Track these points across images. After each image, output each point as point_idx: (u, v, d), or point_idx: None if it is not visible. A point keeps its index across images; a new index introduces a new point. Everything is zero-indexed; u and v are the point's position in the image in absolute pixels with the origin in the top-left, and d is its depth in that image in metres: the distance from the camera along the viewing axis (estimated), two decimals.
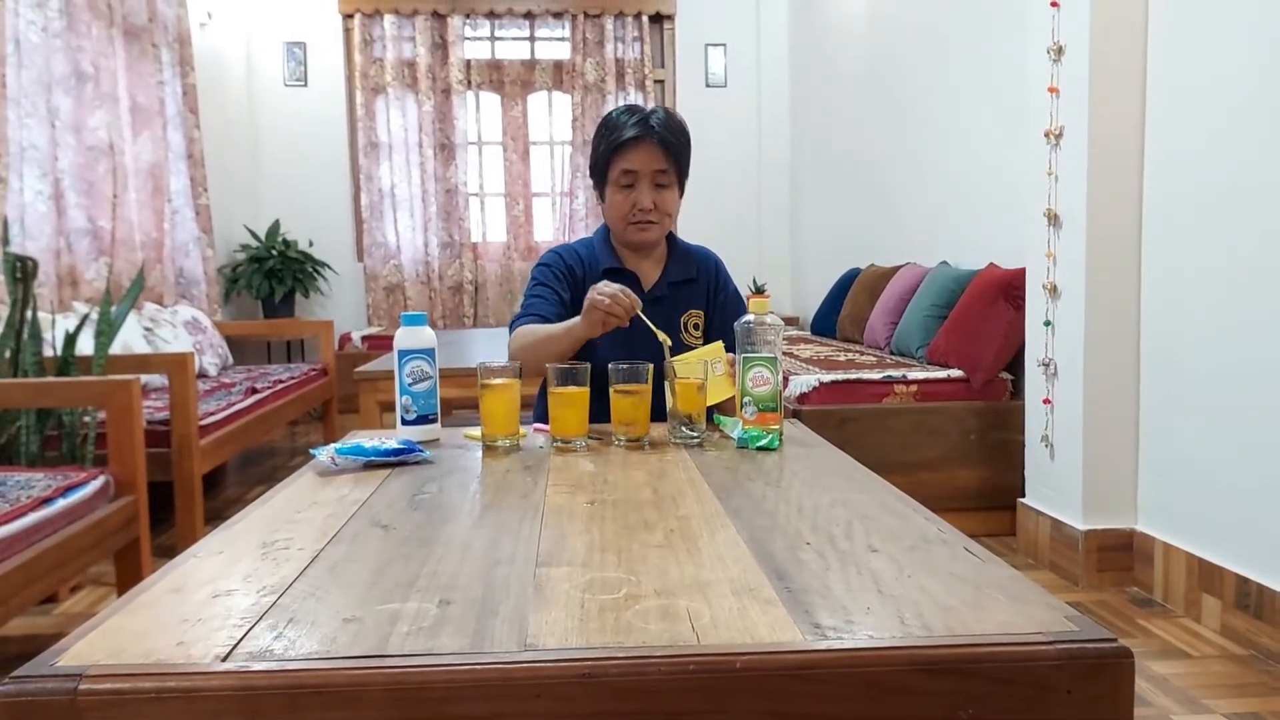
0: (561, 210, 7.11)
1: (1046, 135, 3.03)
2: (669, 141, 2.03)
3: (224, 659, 0.78)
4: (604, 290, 1.79)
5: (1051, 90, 3.00)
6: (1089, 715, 0.78)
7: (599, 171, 2.11)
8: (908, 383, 3.56)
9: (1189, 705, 2.14)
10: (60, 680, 0.75)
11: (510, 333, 2.08)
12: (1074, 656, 0.78)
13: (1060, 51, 2.96)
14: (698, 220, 7.07)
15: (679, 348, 2.06)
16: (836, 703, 0.78)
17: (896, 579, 0.95)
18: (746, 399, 1.67)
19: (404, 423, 1.74)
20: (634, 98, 7.04)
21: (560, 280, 2.13)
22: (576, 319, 1.87)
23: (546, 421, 1.85)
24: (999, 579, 0.95)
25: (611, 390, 1.70)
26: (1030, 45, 3.12)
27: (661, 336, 1.83)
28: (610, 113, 2.10)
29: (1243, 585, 2.46)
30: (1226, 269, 2.52)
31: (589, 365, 1.71)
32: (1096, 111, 2.85)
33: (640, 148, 2.02)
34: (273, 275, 6.53)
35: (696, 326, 2.17)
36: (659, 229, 2.11)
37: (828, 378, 3.53)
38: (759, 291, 6.93)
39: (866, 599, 0.90)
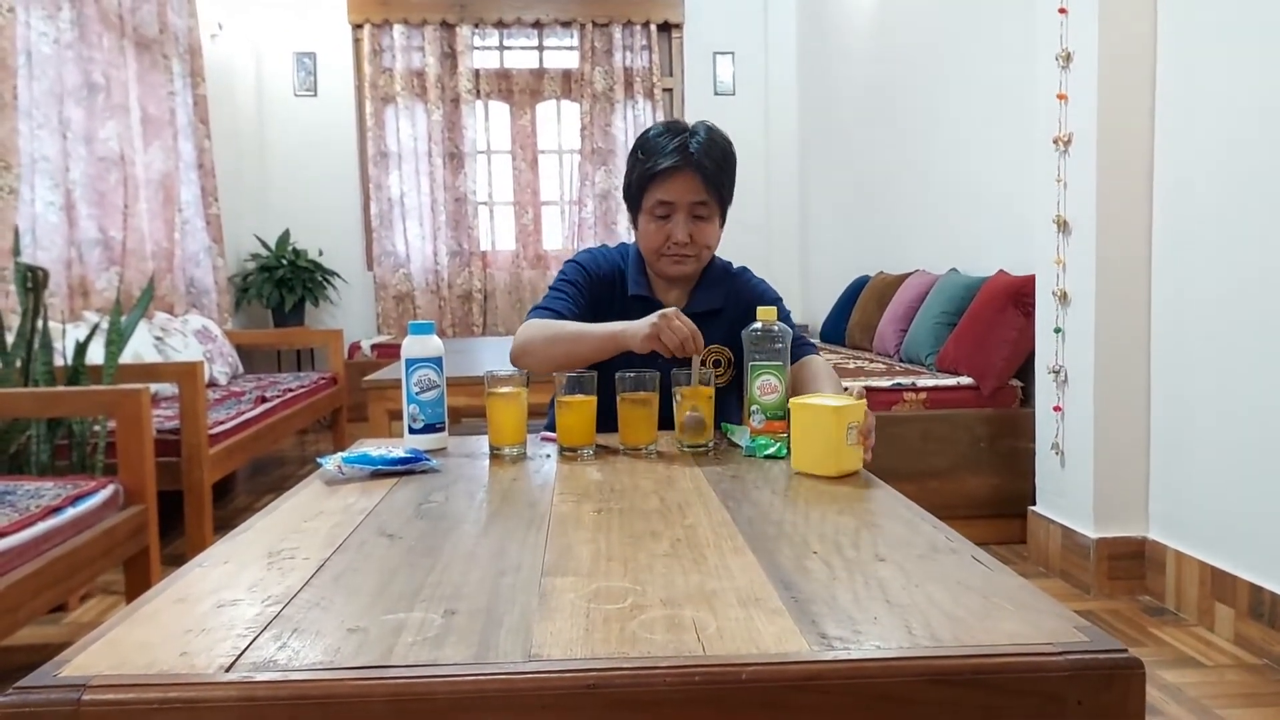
0: (570, 219, 7.12)
1: (1055, 142, 3.02)
2: (709, 171, 1.86)
3: (227, 669, 0.78)
4: (677, 328, 1.66)
5: (1060, 97, 2.99)
6: None
7: (632, 198, 1.95)
8: (917, 390, 3.55)
9: (1202, 715, 2.12)
10: (63, 691, 0.75)
11: (525, 321, 1.93)
12: (1084, 667, 0.77)
13: (1069, 58, 2.95)
14: None
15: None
16: (843, 714, 0.77)
17: (904, 588, 0.95)
18: (754, 407, 1.67)
19: (411, 431, 1.73)
20: (642, 106, 7.05)
21: (585, 287, 1.99)
22: (626, 327, 1.74)
23: (555, 430, 1.84)
24: (1008, 588, 0.94)
25: (619, 399, 1.70)
26: (1039, 52, 3.11)
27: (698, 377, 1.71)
28: (648, 131, 1.93)
29: (1256, 594, 2.44)
30: (1238, 275, 2.51)
31: (596, 374, 1.70)
32: (1105, 118, 2.84)
33: (677, 178, 1.86)
34: (283, 284, 6.55)
35: (716, 364, 1.98)
36: (695, 263, 1.95)
37: None
38: None
39: (874, 609, 0.89)
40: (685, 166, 1.86)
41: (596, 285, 2.01)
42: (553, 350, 1.83)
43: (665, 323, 1.66)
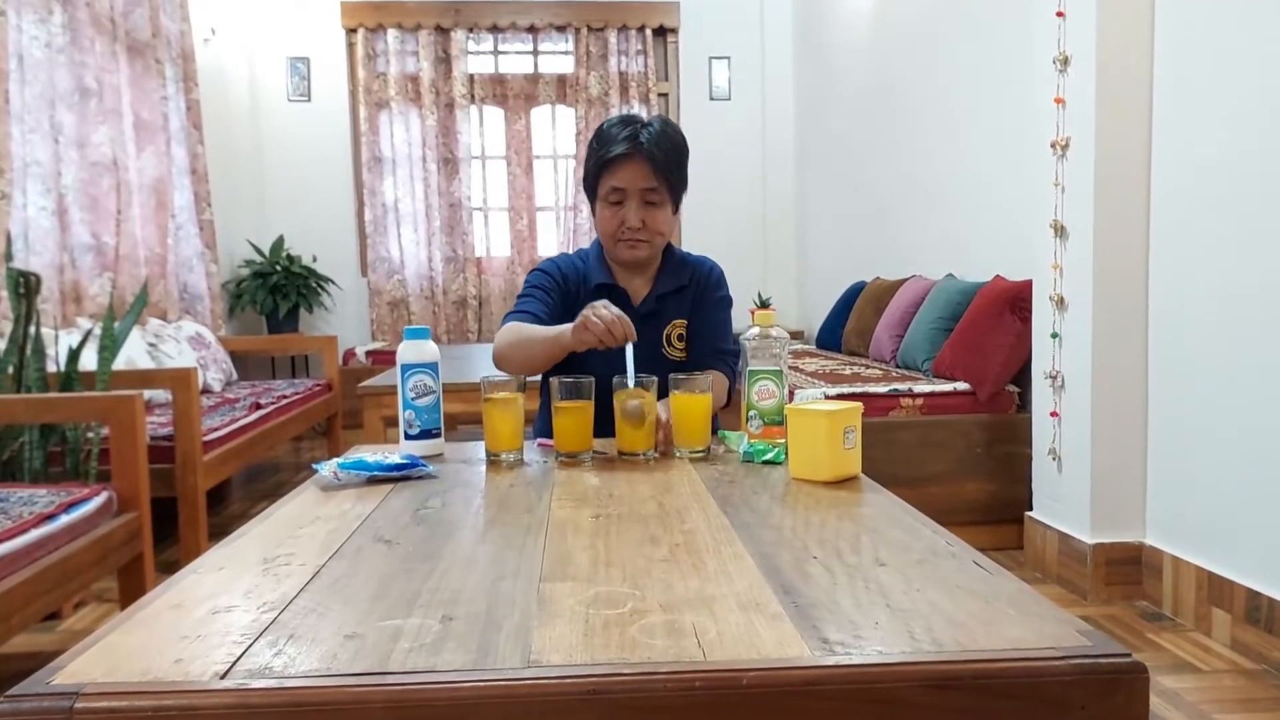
0: (565, 224, 7.11)
1: (1053, 146, 3.02)
2: (659, 159, 1.94)
3: (222, 677, 0.77)
4: (601, 315, 1.68)
5: (1057, 101, 2.99)
6: None
7: (589, 185, 2.06)
8: (914, 396, 3.54)
9: None
10: (56, 699, 0.74)
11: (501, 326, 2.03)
12: (1088, 672, 0.77)
13: (1066, 62, 2.95)
14: (702, 233, 7.10)
15: (661, 361, 2.03)
16: (845, 719, 0.76)
17: (905, 593, 0.94)
18: (752, 413, 1.66)
19: (407, 437, 1.73)
20: (638, 111, 7.03)
21: (554, 288, 2.09)
22: (565, 327, 1.79)
23: (548, 436, 1.84)
24: (1009, 593, 0.93)
25: (616, 404, 1.69)
26: (1036, 56, 3.11)
27: (633, 384, 1.68)
28: (604, 123, 2.03)
29: (1253, 599, 2.44)
30: (1236, 280, 2.51)
31: (593, 379, 1.70)
32: (1103, 122, 2.84)
33: (628, 165, 1.95)
34: (277, 290, 6.53)
35: (680, 338, 2.10)
36: (649, 248, 2.03)
37: (833, 391, 3.51)
38: (764, 305, 6.92)
39: (875, 614, 0.88)
40: (635, 154, 1.95)
41: (564, 283, 2.11)
42: (516, 354, 1.92)
43: (590, 313, 1.69)
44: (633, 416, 1.66)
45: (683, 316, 2.11)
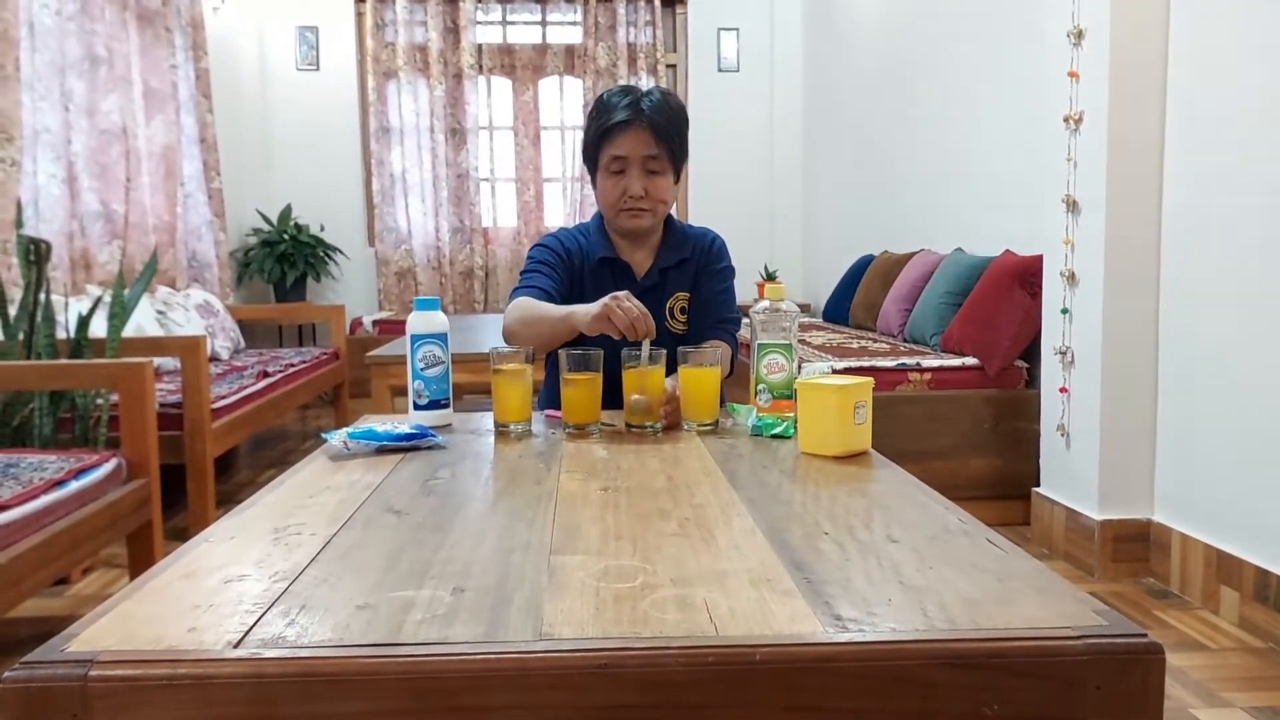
0: (572, 196, 7.09)
1: (1066, 120, 2.99)
2: (660, 126, 1.94)
3: (236, 646, 0.77)
4: (626, 308, 1.65)
5: (1071, 75, 2.96)
6: (1118, 711, 0.76)
7: (589, 156, 2.04)
8: (922, 370, 3.53)
9: (1208, 699, 2.12)
10: (71, 666, 0.74)
11: (509, 303, 2.02)
12: (1103, 651, 0.76)
13: (1080, 35, 2.92)
14: (708, 204, 7.09)
15: (664, 334, 2.03)
16: (858, 696, 0.76)
17: (918, 570, 0.94)
18: (761, 386, 1.65)
19: (416, 407, 1.73)
20: (646, 82, 6.99)
21: (559, 263, 2.07)
22: (577, 308, 1.78)
23: (554, 408, 1.84)
24: (1023, 571, 0.93)
25: (624, 376, 1.68)
26: (1049, 29, 3.08)
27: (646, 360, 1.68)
28: (603, 94, 2.02)
29: (1262, 577, 2.44)
30: (1248, 256, 2.49)
31: (602, 351, 1.69)
32: (1117, 96, 2.81)
33: (630, 133, 1.94)
34: (284, 259, 6.53)
35: (683, 310, 2.10)
36: (651, 216, 2.02)
37: (840, 365, 3.50)
38: (770, 278, 6.90)
39: (888, 590, 0.88)
40: (637, 121, 1.94)
41: (569, 258, 2.09)
42: (525, 332, 1.91)
43: (615, 304, 1.67)
44: (638, 410, 1.66)
45: (685, 289, 2.11)
